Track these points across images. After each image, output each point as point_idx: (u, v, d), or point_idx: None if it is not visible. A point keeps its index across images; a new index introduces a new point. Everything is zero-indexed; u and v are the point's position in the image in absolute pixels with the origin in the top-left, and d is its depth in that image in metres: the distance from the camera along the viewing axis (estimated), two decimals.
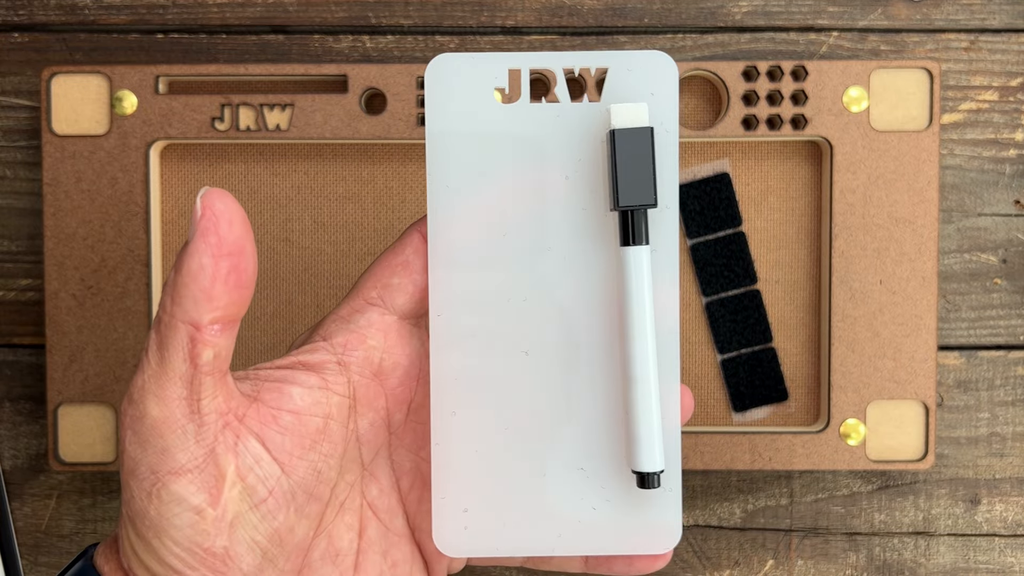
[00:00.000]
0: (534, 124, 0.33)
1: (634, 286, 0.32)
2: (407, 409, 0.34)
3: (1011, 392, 0.49)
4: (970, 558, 0.50)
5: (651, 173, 0.32)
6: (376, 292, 0.33)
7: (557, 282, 0.33)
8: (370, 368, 0.33)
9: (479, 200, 0.33)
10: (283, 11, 0.49)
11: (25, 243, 0.50)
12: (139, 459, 0.30)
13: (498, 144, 0.33)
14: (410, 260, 0.33)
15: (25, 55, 0.49)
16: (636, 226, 0.32)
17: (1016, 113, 0.49)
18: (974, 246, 0.49)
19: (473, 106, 0.33)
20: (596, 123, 0.33)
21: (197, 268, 0.29)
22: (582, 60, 0.33)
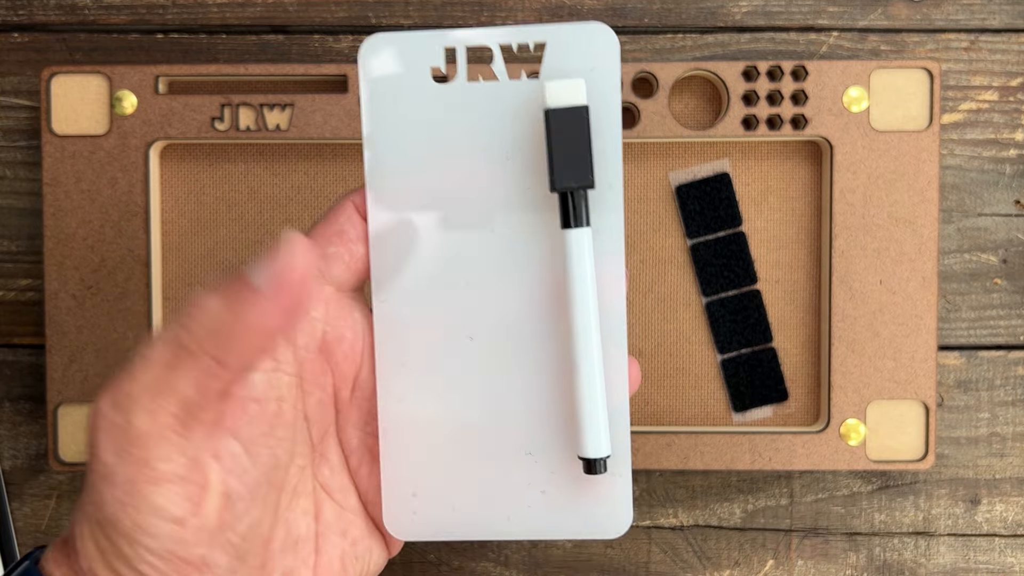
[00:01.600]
0: (472, 103, 0.32)
1: (576, 269, 0.31)
2: (352, 385, 0.33)
3: (1011, 392, 0.49)
4: (970, 558, 0.50)
5: (588, 153, 0.31)
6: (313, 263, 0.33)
7: (501, 265, 0.32)
8: (314, 342, 0.32)
9: (418, 183, 0.32)
10: (283, 11, 0.49)
11: (25, 243, 0.50)
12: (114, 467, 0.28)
13: (436, 125, 0.32)
14: (344, 229, 0.32)
15: (25, 55, 0.49)
16: (576, 207, 0.31)
17: (1016, 113, 0.49)
18: (974, 246, 0.49)
19: (410, 86, 0.32)
20: (534, 101, 0.32)
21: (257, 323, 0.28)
22: (519, 35, 0.32)
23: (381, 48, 0.32)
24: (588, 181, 0.31)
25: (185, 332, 0.28)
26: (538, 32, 0.32)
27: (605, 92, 0.31)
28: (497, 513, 0.33)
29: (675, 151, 0.48)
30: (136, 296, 0.47)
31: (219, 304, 0.28)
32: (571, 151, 0.31)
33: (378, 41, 0.32)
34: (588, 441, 0.32)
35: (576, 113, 0.31)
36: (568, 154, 0.31)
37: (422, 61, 0.32)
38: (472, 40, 0.32)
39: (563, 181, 0.31)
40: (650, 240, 0.48)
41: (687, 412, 0.48)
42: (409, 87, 0.32)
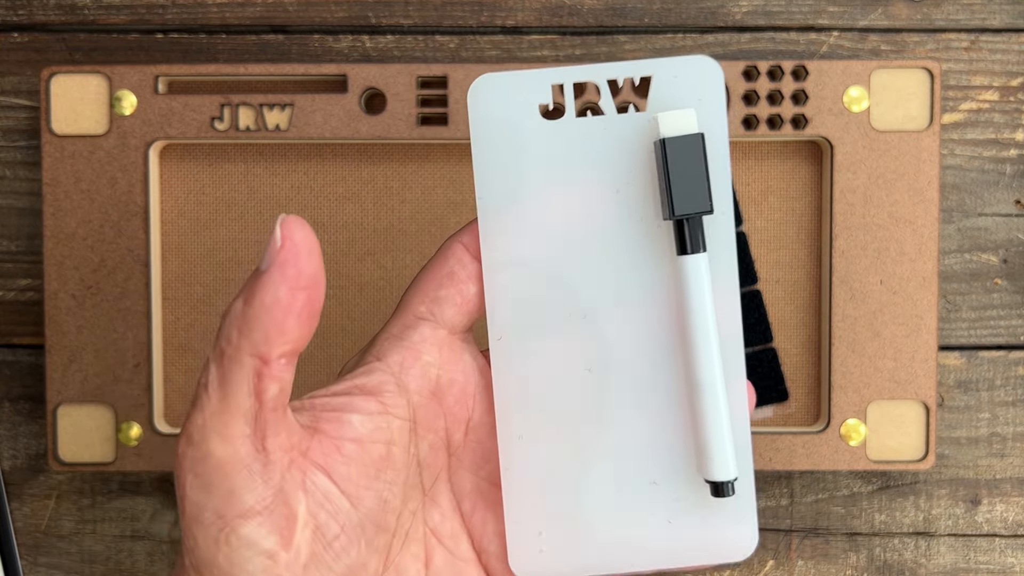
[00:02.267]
0: (580, 139, 0.32)
1: (694, 294, 0.31)
2: (465, 428, 0.33)
3: (1011, 392, 0.49)
4: (971, 558, 0.50)
5: (704, 179, 0.31)
6: (425, 306, 0.32)
7: (615, 296, 0.32)
8: (428, 386, 0.32)
9: (530, 220, 0.32)
10: (283, 11, 0.49)
11: (24, 243, 0.50)
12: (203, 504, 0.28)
13: (545, 161, 0.32)
14: (455, 271, 0.32)
15: (25, 55, 0.49)
16: (693, 234, 0.31)
17: (1016, 113, 0.49)
18: (974, 246, 0.49)
19: (517, 124, 0.32)
20: (643, 133, 0.32)
21: (272, 301, 0.28)
22: (625, 70, 0.32)
23: (489, 87, 0.32)
24: (706, 207, 0.31)
25: (222, 340, 0.28)
26: (643, 67, 0.32)
27: (714, 122, 0.32)
28: (624, 546, 0.33)
29: None
30: (136, 296, 0.47)
31: (238, 301, 0.28)
32: (687, 178, 0.31)
33: (486, 81, 0.32)
34: (716, 464, 0.32)
35: (691, 141, 0.31)
36: (684, 181, 0.31)
37: (530, 99, 0.32)
38: (579, 77, 0.32)
39: (682, 208, 0.31)
40: None
41: None
42: (517, 124, 0.32)
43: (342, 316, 0.48)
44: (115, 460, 0.47)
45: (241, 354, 0.28)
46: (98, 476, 0.50)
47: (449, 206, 0.48)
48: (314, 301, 0.29)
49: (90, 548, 0.50)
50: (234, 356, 0.28)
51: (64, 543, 0.50)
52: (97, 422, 0.47)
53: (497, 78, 0.32)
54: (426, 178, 0.48)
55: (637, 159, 0.32)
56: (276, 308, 0.28)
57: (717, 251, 0.32)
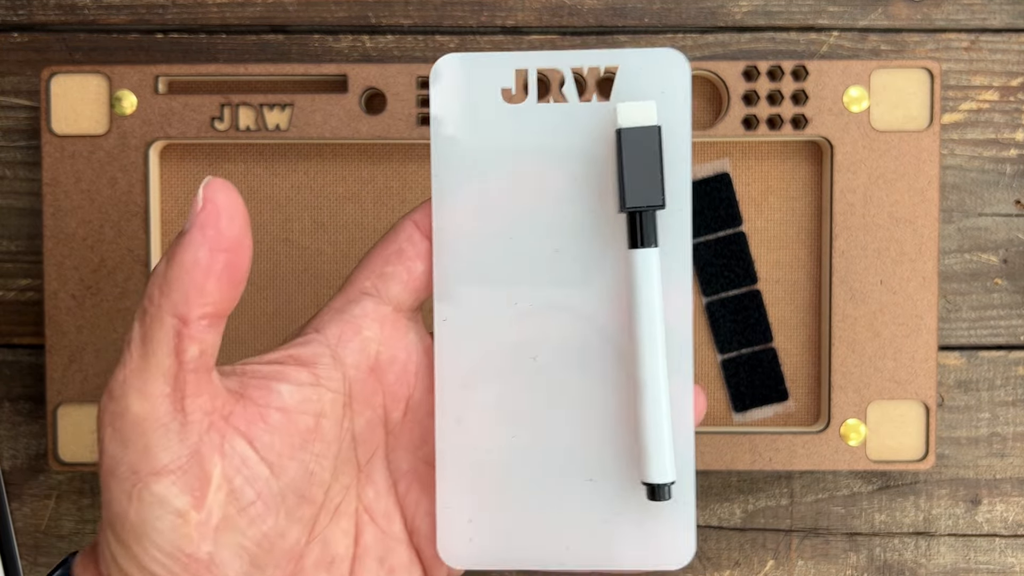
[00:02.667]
0: (541, 125, 0.32)
1: (643, 289, 0.31)
2: (404, 407, 0.33)
3: (1012, 392, 0.49)
4: (971, 558, 0.50)
5: (659, 173, 0.31)
6: (370, 281, 0.32)
7: (566, 286, 0.32)
8: (366, 362, 0.32)
9: (485, 202, 0.32)
10: (283, 11, 0.49)
11: (24, 243, 0.50)
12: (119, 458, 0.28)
13: (505, 145, 0.32)
14: (404, 248, 0.32)
15: (25, 55, 0.49)
16: (644, 228, 0.31)
17: (1017, 113, 0.49)
18: (975, 246, 0.49)
19: (479, 107, 0.32)
20: (605, 123, 0.32)
21: (191, 261, 0.28)
22: (591, 59, 0.32)
23: (453, 68, 0.32)
24: (658, 201, 0.31)
25: (146, 299, 0.28)
26: (610, 56, 0.32)
27: (675, 116, 0.32)
28: (556, 542, 0.32)
29: None
30: (136, 296, 0.47)
31: (162, 263, 0.28)
32: (642, 171, 0.31)
33: (449, 59, 0.32)
34: (653, 466, 0.31)
35: (648, 133, 0.31)
36: (639, 174, 0.31)
37: (493, 82, 0.32)
38: (544, 63, 0.32)
39: (633, 200, 0.31)
40: None
41: None
42: (479, 107, 0.32)
43: None
44: None
45: (162, 313, 0.28)
46: (98, 476, 0.50)
47: None
48: (236, 264, 0.29)
49: None
50: (155, 315, 0.28)
51: (64, 543, 0.50)
52: None
53: (461, 59, 0.32)
54: (426, 178, 0.48)
55: (597, 149, 0.32)
56: (196, 269, 0.28)
57: (671, 247, 0.32)
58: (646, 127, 0.31)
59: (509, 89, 0.32)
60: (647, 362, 0.31)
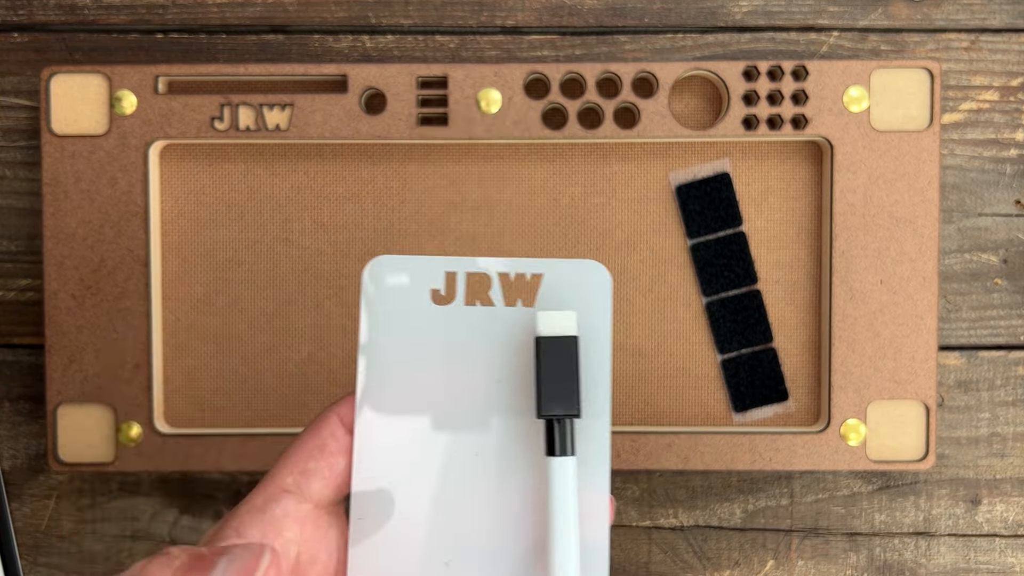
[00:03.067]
0: (468, 326, 0.33)
1: (558, 497, 0.31)
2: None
3: (1012, 392, 0.49)
4: (971, 558, 0.50)
5: (575, 382, 0.31)
6: (292, 478, 0.32)
7: (484, 489, 0.33)
8: (288, 564, 0.32)
9: (409, 400, 0.33)
10: (283, 11, 0.49)
11: (24, 243, 0.50)
12: None
13: (432, 343, 0.33)
14: (327, 443, 0.32)
15: (25, 55, 0.49)
16: (561, 436, 0.31)
17: (1016, 113, 0.49)
18: (974, 246, 0.49)
19: (409, 306, 0.33)
20: (529, 328, 0.33)
21: None
22: (518, 266, 0.33)
23: (385, 267, 0.33)
24: (574, 410, 0.31)
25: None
26: (536, 265, 0.33)
27: (596, 326, 0.32)
28: None
29: (675, 151, 0.48)
30: (136, 296, 0.47)
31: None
32: (559, 379, 0.31)
33: (383, 261, 0.33)
34: None
35: (566, 343, 0.31)
36: (556, 382, 0.31)
37: (423, 282, 0.33)
38: (473, 268, 0.33)
39: (549, 408, 0.31)
40: (650, 240, 0.48)
41: (687, 412, 0.48)
42: (409, 305, 0.33)
43: (342, 315, 0.48)
44: (115, 460, 0.47)
45: None
46: (98, 476, 0.50)
47: (449, 206, 0.48)
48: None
49: (90, 548, 0.50)
50: None
51: (64, 543, 0.50)
52: (97, 422, 0.47)
53: (393, 261, 0.33)
54: (426, 178, 0.48)
55: (519, 353, 0.33)
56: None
57: (589, 455, 0.32)
58: (565, 336, 0.31)
59: (438, 290, 0.33)
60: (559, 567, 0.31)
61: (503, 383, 0.33)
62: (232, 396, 0.48)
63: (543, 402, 0.31)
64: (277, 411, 0.48)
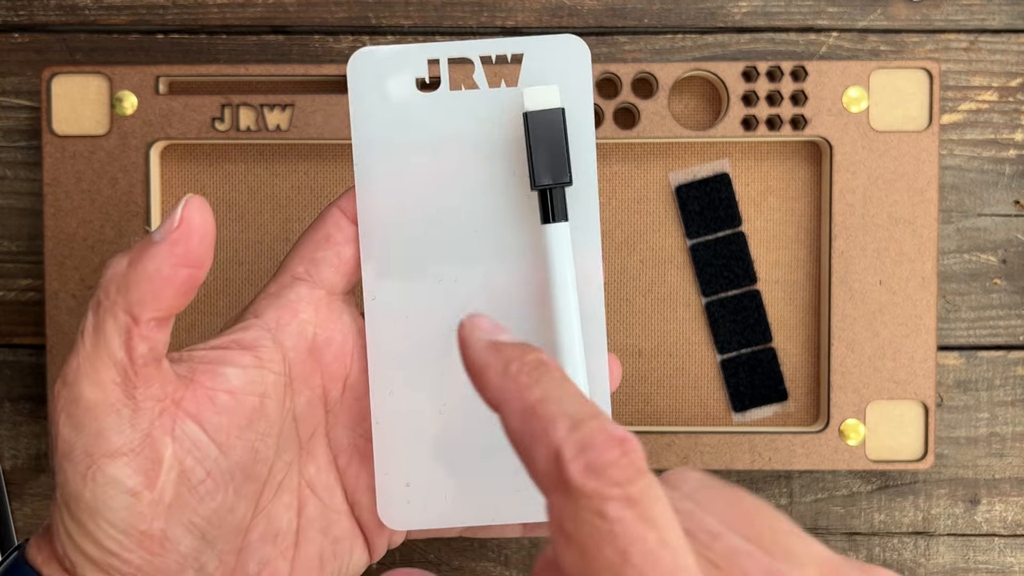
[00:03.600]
0: (455, 110, 0.34)
1: (556, 261, 0.33)
2: (343, 386, 0.34)
3: (1011, 392, 0.49)
4: (970, 558, 0.50)
5: (564, 152, 0.33)
6: (303, 267, 0.34)
7: (486, 262, 0.34)
8: (304, 343, 0.33)
9: (405, 187, 0.34)
10: (283, 11, 0.49)
11: (25, 243, 0.50)
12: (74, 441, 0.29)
13: (421, 131, 0.34)
14: (331, 233, 0.34)
15: (25, 55, 0.49)
16: (554, 204, 0.33)
17: (1016, 113, 0.49)
18: (974, 246, 0.49)
19: (395, 96, 0.34)
20: (515, 107, 0.34)
21: (154, 270, 0.29)
22: (498, 47, 0.34)
23: (368, 60, 0.34)
24: (565, 178, 0.33)
25: (100, 292, 0.30)
26: (515, 44, 0.34)
27: (578, 96, 0.34)
28: (488, 501, 0.34)
29: (675, 151, 0.48)
30: None
31: (122, 261, 0.29)
32: (549, 151, 0.33)
33: (364, 53, 0.34)
34: None
35: (552, 115, 0.33)
36: (546, 154, 0.33)
37: (407, 72, 0.34)
38: (454, 52, 0.34)
39: (542, 179, 0.33)
40: (650, 240, 0.48)
41: (687, 412, 0.48)
42: (395, 96, 0.34)
43: None
44: None
45: (116, 308, 0.29)
46: None
47: None
48: (194, 277, 0.30)
49: None
50: (109, 309, 0.29)
51: None
52: None
53: (374, 52, 0.34)
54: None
55: (507, 132, 0.34)
56: (157, 278, 0.29)
57: (580, 221, 0.34)
58: (550, 109, 0.33)
59: (423, 78, 0.34)
60: (563, 329, 0.33)
61: (493, 162, 0.34)
62: None
63: (536, 173, 0.33)
64: None
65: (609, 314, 0.48)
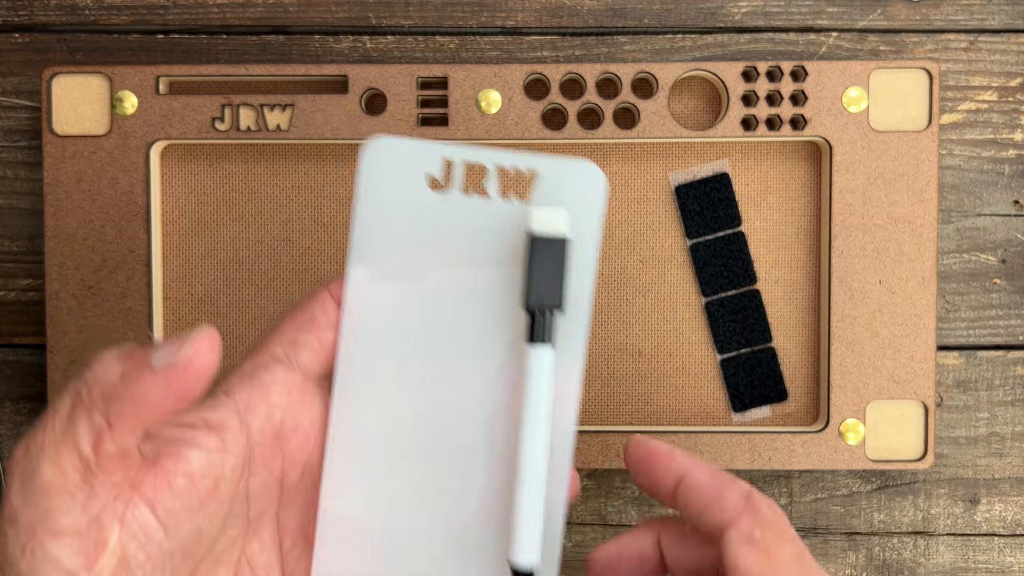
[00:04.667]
0: (461, 215, 0.33)
1: (533, 383, 0.32)
2: (302, 470, 0.34)
3: (1010, 392, 0.49)
4: (969, 558, 0.50)
5: (561, 279, 0.32)
6: (282, 348, 0.33)
7: (464, 369, 0.33)
8: (271, 428, 0.32)
9: (398, 280, 0.33)
10: (283, 12, 0.49)
11: (26, 243, 0.50)
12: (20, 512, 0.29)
13: (424, 228, 0.33)
14: (317, 316, 0.33)
15: (26, 55, 0.49)
16: (542, 326, 0.32)
17: (1015, 113, 0.49)
18: (973, 246, 0.49)
19: (404, 190, 0.33)
20: (520, 221, 0.33)
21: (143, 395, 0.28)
22: (515, 161, 0.33)
23: (384, 149, 0.33)
24: (558, 303, 0.32)
25: (83, 386, 0.29)
26: (532, 161, 0.33)
27: (587, 224, 0.33)
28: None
29: (675, 151, 0.48)
30: (137, 296, 0.47)
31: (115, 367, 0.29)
32: (547, 275, 0.32)
33: (383, 143, 0.33)
34: (519, 549, 0.32)
35: (556, 241, 0.32)
36: (544, 277, 0.32)
37: (420, 167, 0.33)
38: (470, 157, 0.33)
39: (534, 299, 0.32)
40: (650, 240, 0.48)
41: (686, 412, 0.48)
42: (404, 189, 0.33)
43: None
44: None
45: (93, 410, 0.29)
46: None
47: None
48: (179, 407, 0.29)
49: None
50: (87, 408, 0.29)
51: None
52: None
53: (392, 143, 0.33)
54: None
55: (509, 244, 0.33)
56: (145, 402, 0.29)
57: (567, 344, 0.33)
58: (556, 236, 0.32)
59: (435, 176, 0.33)
60: (527, 451, 0.32)
61: (491, 273, 0.33)
62: None
63: (530, 293, 0.32)
64: None
65: (609, 314, 0.49)
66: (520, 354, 0.33)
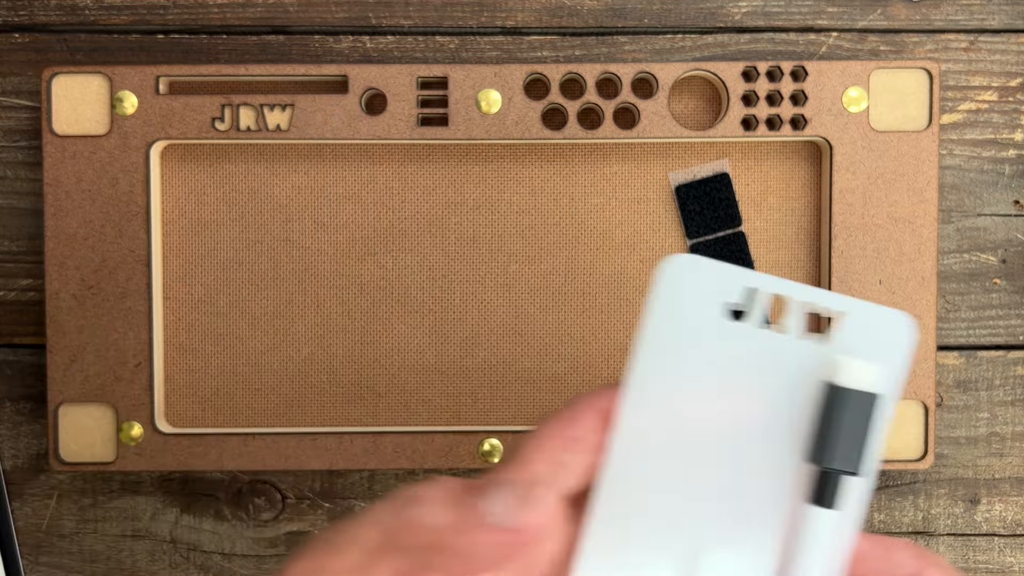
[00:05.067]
0: (755, 350, 0.31)
1: (808, 548, 0.30)
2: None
3: (1010, 392, 0.49)
4: (969, 558, 0.50)
5: (864, 440, 0.29)
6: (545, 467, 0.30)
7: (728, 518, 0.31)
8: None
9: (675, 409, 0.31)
10: (283, 12, 0.49)
11: (26, 243, 0.50)
12: None
13: (713, 358, 0.31)
14: (585, 436, 0.30)
15: (26, 55, 0.49)
16: (830, 489, 0.30)
17: (1015, 113, 0.49)
18: (973, 246, 0.49)
19: (699, 314, 0.31)
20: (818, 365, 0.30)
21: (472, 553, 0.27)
22: (823, 299, 0.31)
23: (685, 267, 0.31)
24: (855, 468, 0.30)
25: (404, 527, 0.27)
26: (844, 303, 0.31)
27: (889, 383, 0.30)
28: None
29: (675, 151, 0.48)
30: (137, 296, 0.47)
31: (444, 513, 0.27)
32: (847, 433, 0.29)
33: (685, 260, 0.31)
34: None
35: (863, 397, 0.30)
36: (843, 435, 0.29)
37: (719, 293, 0.31)
38: (776, 288, 0.31)
39: (830, 460, 0.29)
40: (650, 240, 0.48)
41: None
42: (699, 313, 0.31)
43: (342, 316, 0.48)
44: (116, 460, 0.47)
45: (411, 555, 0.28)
46: (99, 476, 0.50)
47: (449, 206, 0.48)
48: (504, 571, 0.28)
49: (91, 547, 0.50)
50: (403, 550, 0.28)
51: (65, 542, 0.50)
52: (98, 422, 0.47)
53: (697, 263, 0.31)
54: (426, 179, 0.48)
55: (801, 388, 0.31)
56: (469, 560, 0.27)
57: (848, 511, 0.30)
58: (864, 391, 0.30)
59: (736, 305, 0.31)
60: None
61: (775, 415, 0.31)
62: (233, 396, 0.48)
63: (825, 451, 0.29)
64: (278, 411, 0.48)
65: (609, 313, 0.49)
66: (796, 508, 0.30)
